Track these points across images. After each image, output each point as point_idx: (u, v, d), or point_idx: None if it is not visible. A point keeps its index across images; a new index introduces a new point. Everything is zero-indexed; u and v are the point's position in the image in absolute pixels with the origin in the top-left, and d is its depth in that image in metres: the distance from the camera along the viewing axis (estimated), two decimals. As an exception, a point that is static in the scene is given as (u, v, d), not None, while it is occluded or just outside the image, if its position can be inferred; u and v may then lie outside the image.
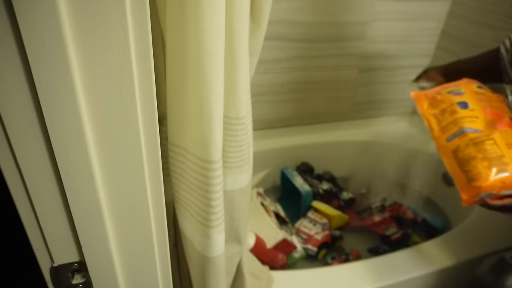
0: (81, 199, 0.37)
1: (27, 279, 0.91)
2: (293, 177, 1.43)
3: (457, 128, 0.74)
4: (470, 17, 1.40)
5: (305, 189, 1.38)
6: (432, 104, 0.81)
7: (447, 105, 0.78)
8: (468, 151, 0.70)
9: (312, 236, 1.24)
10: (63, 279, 0.43)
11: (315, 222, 1.29)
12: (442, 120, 0.77)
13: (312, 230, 1.26)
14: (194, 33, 0.46)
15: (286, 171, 1.46)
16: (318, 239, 1.23)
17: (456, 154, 0.72)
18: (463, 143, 0.72)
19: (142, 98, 0.36)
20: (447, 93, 0.81)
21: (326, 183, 1.49)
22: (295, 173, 1.46)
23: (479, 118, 0.74)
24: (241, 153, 0.63)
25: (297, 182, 1.40)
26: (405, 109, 1.74)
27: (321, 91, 1.53)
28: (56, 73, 0.31)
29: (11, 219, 0.46)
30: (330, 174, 1.56)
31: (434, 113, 0.79)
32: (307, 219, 1.31)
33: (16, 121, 0.33)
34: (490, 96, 0.80)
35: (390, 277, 0.96)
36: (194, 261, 0.66)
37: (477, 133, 0.72)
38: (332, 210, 1.34)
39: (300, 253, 1.21)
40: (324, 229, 1.27)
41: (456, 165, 0.72)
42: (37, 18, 0.29)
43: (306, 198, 1.37)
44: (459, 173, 0.71)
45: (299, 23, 1.33)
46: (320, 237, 1.24)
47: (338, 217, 1.33)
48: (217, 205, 0.58)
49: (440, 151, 0.75)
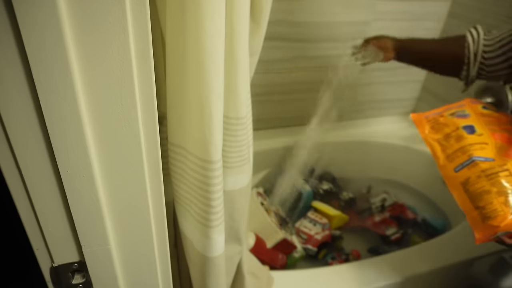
0: (81, 199, 0.37)
1: (27, 279, 0.91)
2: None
3: (465, 157, 0.65)
4: (470, 17, 1.40)
5: (306, 189, 1.38)
6: (434, 128, 0.73)
7: (451, 129, 0.70)
8: (480, 184, 0.62)
9: (312, 236, 1.24)
10: (63, 279, 0.43)
11: (315, 222, 1.29)
12: (448, 147, 0.69)
13: (312, 230, 1.26)
14: (194, 33, 0.46)
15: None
16: (318, 239, 1.23)
17: (466, 187, 0.63)
18: (474, 174, 0.63)
19: (142, 98, 0.36)
20: (450, 115, 0.73)
21: (326, 183, 1.49)
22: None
23: (489, 145, 0.66)
24: (241, 153, 0.63)
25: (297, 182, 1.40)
26: (405, 109, 1.74)
27: (321, 91, 1.53)
28: (56, 73, 0.31)
29: (11, 219, 0.46)
30: (330, 174, 1.56)
31: (437, 138, 0.71)
32: (307, 219, 1.31)
33: (16, 121, 0.33)
34: (498, 117, 0.72)
35: (390, 277, 0.96)
36: (194, 261, 0.66)
37: (489, 162, 0.63)
38: (332, 210, 1.34)
39: (300, 253, 1.21)
40: (324, 229, 1.27)
41: (468, 200, 0.63)
42: (37, 18, 0.29)
43: (306, 198, 1.37)
44: (471, 209, 0.62)
45: (299, 23, 1.33)
46: (320, 237, 1.24)
47: (338, 217, 1.33)
48: (217, 205, 0.58)
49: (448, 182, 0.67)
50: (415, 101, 1.73)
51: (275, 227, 1.15)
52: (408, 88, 1.68)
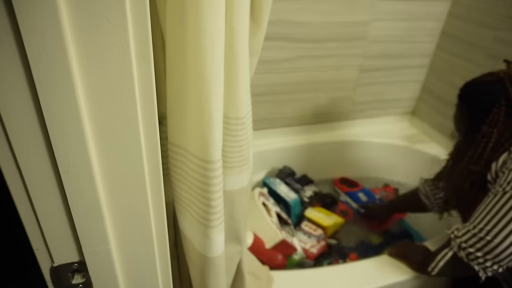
0: (81, 199, 0.37)
1: (27, 279, 0.91)
2: (277, 185, 1.40)
3: None
4: (470, 17, 1.40)
5: (292, 197, 1.35)
6: None
7: None
8: None
9: (308, 250, 1.22)
10: (63, 279, 0.43)
11: (310, 234, 1.26)
12: None
13: (308, 243, 1.24)
14: (194, 33, 0.46)
15: (267, 180, 1.42)
16: (314, 253, 1.22)
17: None
18: None
19: (142, 98, 0.36)
20: None
21: (308, 188, 1.47)
22: (277, 180, 1.43)
23: None
24: (241, 153, 0.63)
25: (281, 191, 1.37)
26: (405, 109, 1.75)
27: (321, 91, 1.53)
28: (56, 73, 0.31)
29: (11, 219, 0.46)
30: (306, 177, 1.55)
31: None
32: (301, 231, 1.29)
33: (16, 121, 0.33)
34: None
35: (391, 276, 0.96)
36: (194, 261, 0.66)
37: None
38: (325, 220, 1.32)
39: (300, 255, 1.20)
40: (320, 240, 1.26)
41: None
42: (37, 18, 0.29)
43: (294, 206, 1.35)
44: None
45: (299, 23, 1.33)
46: (316, 250, 1.22)
47: (333, 226, 1.31)
48: (217, 205, 0.58)
49: None
50: (415, 101, 1.73)
51: (275, 228, 1.14)
52: (408, 88, 1.68)
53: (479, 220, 0.78)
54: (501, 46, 1.29)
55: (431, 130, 1.64)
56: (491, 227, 0.75)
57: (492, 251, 0.75)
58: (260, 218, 1.17)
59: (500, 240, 0.74)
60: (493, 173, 0.83)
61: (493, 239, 0.75)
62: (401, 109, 1.74)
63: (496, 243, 0.74)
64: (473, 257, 0.78)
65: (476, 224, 0.79)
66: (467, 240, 0.79)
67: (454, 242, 0.82)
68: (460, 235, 0.81)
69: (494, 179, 0.82)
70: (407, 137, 1.66)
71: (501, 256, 0.75)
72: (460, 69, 1.46)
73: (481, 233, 0.77)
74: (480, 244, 0.77)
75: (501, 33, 1.28)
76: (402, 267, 0.99)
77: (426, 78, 1.66)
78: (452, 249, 0.84)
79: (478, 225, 0.78)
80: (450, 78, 1.53)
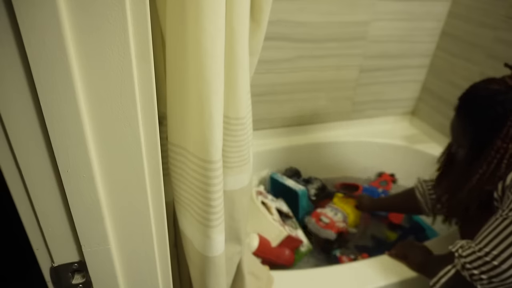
0: (81, 199, 0.37)
1: (27, 279, 0.91)
2: (284, 179, 1.43)
3: None
4: (470, 17, 1.40)
5: (300, 188, 1.37)
6: None
7: None
8: None
9: (335, 222, 1.23)
10: (63, 279, 0.43)
11: (337, 211, 1.28)
12: None
13: (335, 217, 1.25)
14: (194, 33, 0.46)
15: (275, 175, 1.45)
16: (339, 227, 1.22)
17: None
18: None
19: (142, 98, 0.36)
20: None
21: (311, 185, 1.48)
22: (284, 177, 1.45)
23: None
24: (241, 153, 0.63)
25: (290, 183, 1.39)
26: (405, 109, 1.75)
27: (321, 91, 1.54)
28: (56, 73, 0.31)
29: (11, 219, 0.46)
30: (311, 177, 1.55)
31: None
32: (329, 207, 1.30)
33: (16, 121, 0.33)
34: None
35: (391, 276, 0.96)
36: (194, 261, 0.66)
37: None
38: (349, 208, 1.33)
39: (306, 247, 1.20)
40: (345, 220, 1.27)
41: None
42: (37, 18, 0.29)
43: (302, 197, 1.36)
44: None
45: (299, 23, 1.33)
46: (341, 225, 1.23)
47: (355, 215, 1.32)
48: (217, 205, 0.58)
49: None
50: (415, 101, 1.73)
51: (278, 225, 1.14)
52: (408, 88, 1.68)
53: (485, 243, 0.75)
54: (501, 46, 1.29)
55: (431, 130, 1.64)
56: (499, 252, 0.72)
57: (499, 275, 0.72)
58: (262, 218, 1.17)
59: (508, 266, 0.71)
60: (499, 191, 0.78)
61: (500, 265, 0.71)
62: (401, 109, 1.74)
63: (503, 268, 0.71)
64: (477, 278, 0.75)
65: (482, 246, 0.75)
66: (471, 261, 0.76)
67: (458, 261, 0.79)
68: (465, 255, 0.77)
69: (501, 197, 0.78)
70: (407, 137, 1.66)
71: (509, 280, 0.72)
72: (460, 69, 1.46)
73: (487, 257, 0.73)
74: (485, 267, 0.73)
75: (501, 33, 1.28)
76: (402, 267, 0.99)
77: (426, 78, 1.66)
78: (455, 266, 0.80)
79: (485, 248, 0.74)
80: (450, 78, 1.53)
